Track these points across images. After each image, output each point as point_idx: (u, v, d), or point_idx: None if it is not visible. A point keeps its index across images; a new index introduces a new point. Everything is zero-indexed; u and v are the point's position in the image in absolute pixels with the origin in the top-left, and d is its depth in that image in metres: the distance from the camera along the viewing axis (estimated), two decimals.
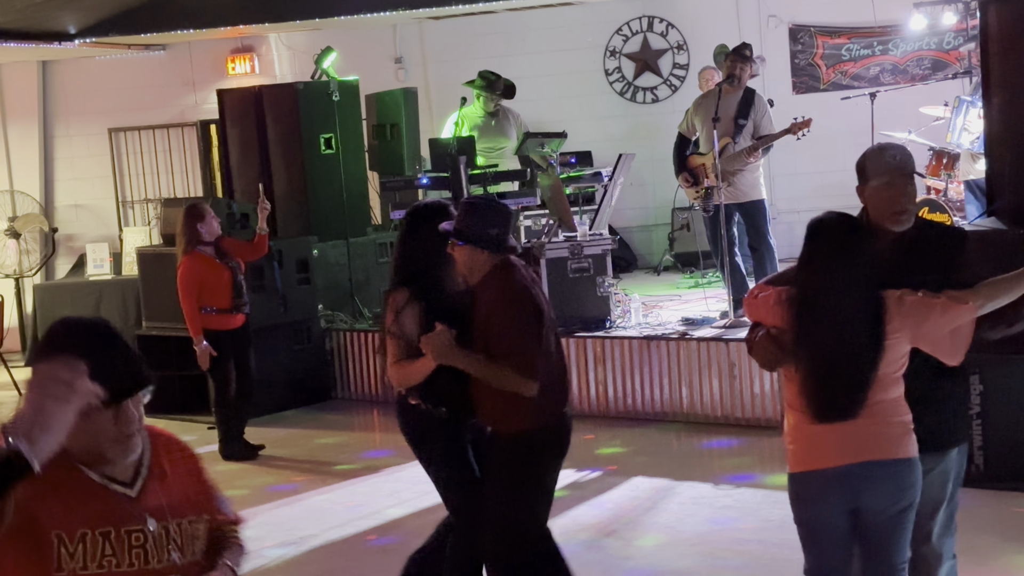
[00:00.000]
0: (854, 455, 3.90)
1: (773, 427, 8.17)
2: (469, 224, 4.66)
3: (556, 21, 12.82)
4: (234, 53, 13.56)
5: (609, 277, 9.15)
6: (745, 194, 9.06)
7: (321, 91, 10.38)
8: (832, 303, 3.87)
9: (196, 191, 13.63)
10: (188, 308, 8.09)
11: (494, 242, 4.66)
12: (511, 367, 4.53)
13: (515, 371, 4.53)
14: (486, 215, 4.70)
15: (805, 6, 12.37)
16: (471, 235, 4.65)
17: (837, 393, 3.89)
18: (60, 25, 11.67)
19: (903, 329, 3.87)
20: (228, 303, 8.15)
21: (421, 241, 4.87)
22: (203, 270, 8.06)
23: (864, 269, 3.88)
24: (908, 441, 3.95)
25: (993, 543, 5.74)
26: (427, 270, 4.84)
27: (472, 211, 4.71)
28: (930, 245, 4.13)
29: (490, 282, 4.67)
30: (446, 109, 11.92)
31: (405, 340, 4.74)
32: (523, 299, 4.64)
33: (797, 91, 12.34)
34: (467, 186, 10.42)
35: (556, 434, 4.77)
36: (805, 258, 3.96)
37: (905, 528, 3.98)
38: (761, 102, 9.11)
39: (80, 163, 14.03)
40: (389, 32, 13.44)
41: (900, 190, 4.10)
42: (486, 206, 4.78)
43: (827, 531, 4.01)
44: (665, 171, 11.36)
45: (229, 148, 10.82)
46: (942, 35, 11.68)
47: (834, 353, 3.86)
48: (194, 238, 8.06)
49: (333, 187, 10.38)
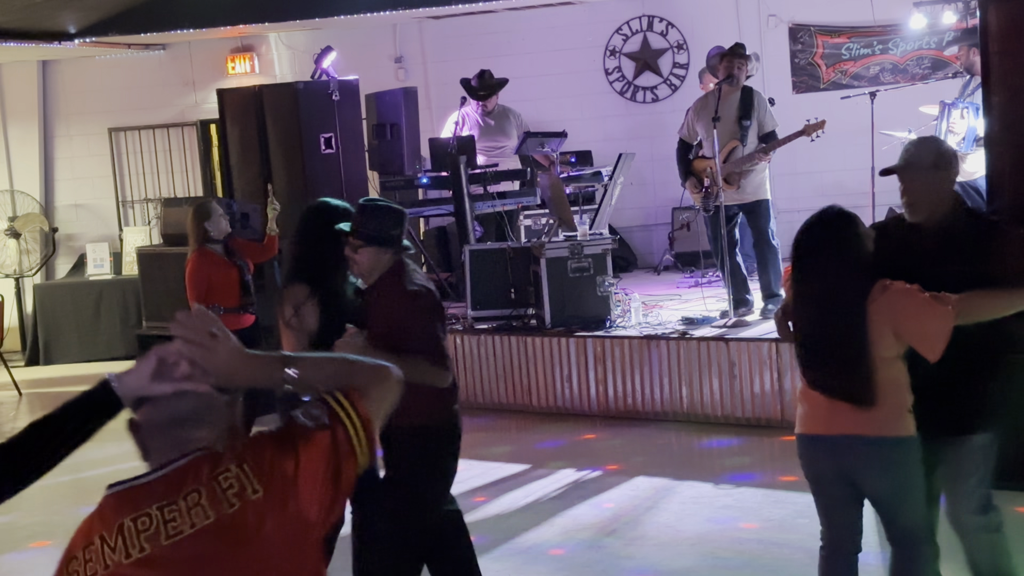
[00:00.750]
0: (841, 427, 4.22)
1: (773, 427, 8.17)
2: (372, 225, 4.82)
3: (556, 21, 12.82)
4: (234, 53, 13.56)
5: (609, 277, 9.15)
6: (750, 194, 9.07)
7: (321, 91, 10.38)
8: (818, 283, 4.23)
9: (196, 191, 13.64)
10: (191, 305, 8.07)
11: (396, 243, 4.86)
12: (425, 360, 4.67)
13: (430, 363, 4.69)
14: (387, 216, 4.87)
15: (805, 5, 12.36)
16: (375, 236, 4.81)
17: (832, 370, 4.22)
18: (60, 25, 11.66)
19: (882, 313, 4.12)
20: (236, 302, 8.10)
21: (319, 240, 5.07)
22: (211, 267, 7.98)
23: (851, 254, 4.18)
24: (898, 421, 4.19)
25: None
26: (325, 269, 5.04)
27: (374, 212, 4.87)
28: (962, 236, 4.33)
29: (390, 281, 4.84)
30: (446, 109, 11.92)
31: (304, 335, 4.95)
32: (426, 295, 4.83)
33: (797, 90, 12.34)
34: (467, 185, 10.44)
35: (452, 427, 4.97)
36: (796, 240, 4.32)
37: (906, 500, 4.24)
38: (760, 99, 9.12)
39: (80, 163, 14.03)
40: (389, 31, 13.44)
41: (906, 184, 4.39)
42: (386, 207, 4.94)
43: (826, 494, 4.39)
44: (665, 171, 11.36)
45: (229, 148, 10.81)
46: (942, 34, 11.67)
47: (819, 328, 4.24)
48: (202, 236, 8.00)
49: (333, 187, 10.37)
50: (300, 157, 10.34)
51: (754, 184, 9.08)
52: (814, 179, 12.05)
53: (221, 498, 2.42)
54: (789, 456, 7.86)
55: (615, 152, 10.75)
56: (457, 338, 9.35)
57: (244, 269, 8.18)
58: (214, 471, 2.44)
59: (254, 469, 2.44)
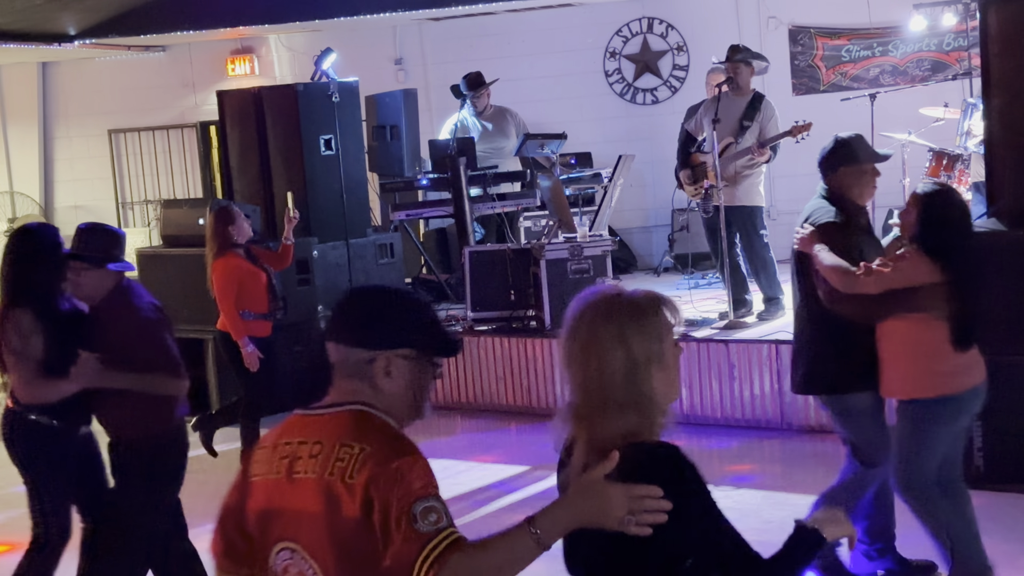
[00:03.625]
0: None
1: (773, 428, 8.17)
2: (95, 248, 4.98)
3: (556, 22, 12.82)
4: (234, 54, 13.56)
5: (609, 278, 9.13)
6: (738, 198, 9.05)
7: (321, 92, 10.37)
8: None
9: (196, 192, 13.64)
10: (228, 309, 7.75)
11: (118, 263, 5.01)
12: (163, 372, 4.91)
13: (168, 375, 4.92)
14: (107, 238, 5.06)
15: (805, 7, 12.36)
16: (99, 258, 4.95)
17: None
18: (60, 26, 11.67)
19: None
20: (265, 308, 7.90)
21: (37, 262, 5.10)
22: (240, 272, 7.79)
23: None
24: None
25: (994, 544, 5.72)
26: (45, 291, 5.07)
27: (95, 235, 5.06)
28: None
29: (117, 300, 4.99)
30: (446, 110, 11.92)
31: (35, 360, 4.98)
32: (155, 311, 5.07)
33: (797, 92, 12.34)
34: (467, 187, 10.43)
35: (178, 433, 5.14)
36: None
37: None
38: (768, 107, 9.11)
39: (80, 164, 14.03)
40: (389, 33, 13.43)
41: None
42: (105, 230, 5.13)
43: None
44: (665, 172, 11.36)
45: (229, 149, 10.80)
46: (942, 36, 11.67)
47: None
48: (226, 241, 7.76)
49: (333, 188, 10.37)
50: (300, 159, 10.33)
51: (744, 188, 9.07)
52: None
53: (330, 463, 2.54)
54: (789, 458, 7.88)
55: (615, 154, 10.74)
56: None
57: (271, 273, 8.05)
58: (346, 436, 2.57)
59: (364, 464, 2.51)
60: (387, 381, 2.66)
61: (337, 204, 10.37)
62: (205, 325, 8.79)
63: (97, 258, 4.96)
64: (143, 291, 5.18)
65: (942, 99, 10.25)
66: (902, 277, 4.95)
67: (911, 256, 4.99)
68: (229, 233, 7.77)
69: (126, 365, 4.88)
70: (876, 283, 4.95)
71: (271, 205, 10.41)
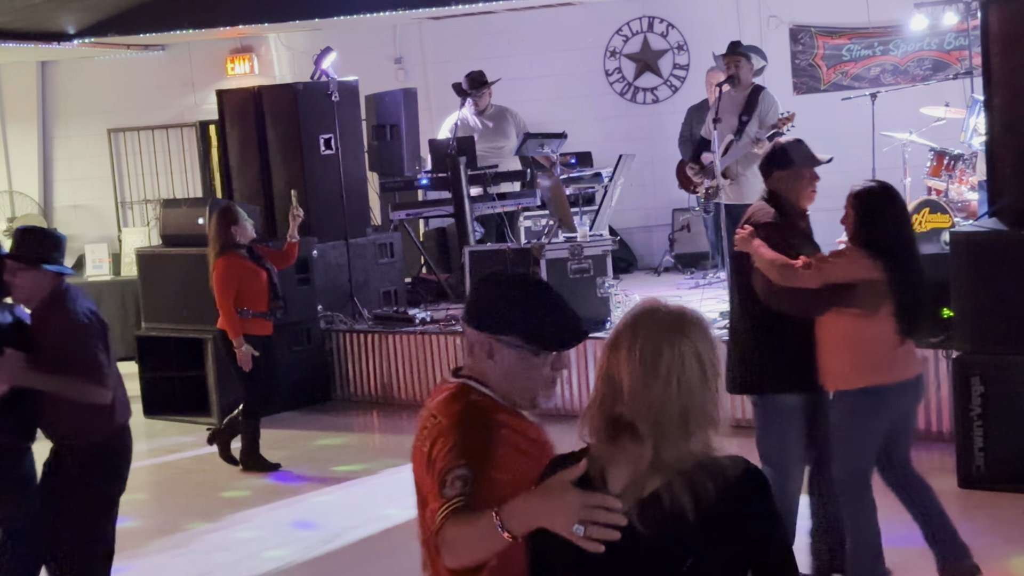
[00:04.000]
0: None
1: None
2: (33, 250, 4.96)
3: (556, 22, 12.81)
4: (233, 53, 13.55)
5: (609, 278, 9.13)
6: (740, 196, 9.06)
7: (321, 91, 10.36)
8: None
9: (195, 192, 13.63)
10: (226, 308, 7.78)
11: (57, 265, 5.00)
12: (85, 379, 4.85)
13: (89, 382, 4.85)
14: (46, 240, 5.05)
15: (806, 6, 12.34)
16: (37, 259, 4.94)
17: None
18: (59, 25, 11.66)
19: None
20: (265, 307, 7.92)
21: None
22: (240, 271, 7.84)
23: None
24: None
25: (994, 544, 5.72)
26: None
27: (33, 236, 5.06)
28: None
29: (54, 303, 4.97)
30: (446, 110, 11.90)
31: None
32: (89, 316, 5.00)
33: (798, 92, 12.32)
34: (467, 186, 10.42)
35: (121, 436, 5.10)
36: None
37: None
38: (767, 98, 9.14)
39: (79, 164, 14.02)
40: (389, 32, 13.42)
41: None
42: (43, 232, 5.16)
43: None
44: (665, 172, 11.35)
45: (228, 149, 10.80)
46: (943, 36, 11.65)
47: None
48: (229, 241, 7.81)
49: (332, 188, 10.37)
50: (299, 158, 10.33)
51: (746, 186, 9.08)
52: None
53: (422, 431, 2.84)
54: None
55: (615, 153, 10.73)
56: (457, 339, 9.33)
57: (272, 273, 8.06)
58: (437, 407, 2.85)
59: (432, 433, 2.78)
60: (490, 364, 2.86)
61: (337, 204, 10.36)
62: (205, 325, 8.80)
63: (31, 258, 4.93)
64: (82, 296, 5.14)
65: (943, 98, 10.24)
66: (840, 271, 5.03)
67: (849, 251, 5.10)
68: (232, 233, 7.82)
69: (49, 367, 4.84)
70: (815, 277, 5.03)
71: (271, 204, 10.42)
